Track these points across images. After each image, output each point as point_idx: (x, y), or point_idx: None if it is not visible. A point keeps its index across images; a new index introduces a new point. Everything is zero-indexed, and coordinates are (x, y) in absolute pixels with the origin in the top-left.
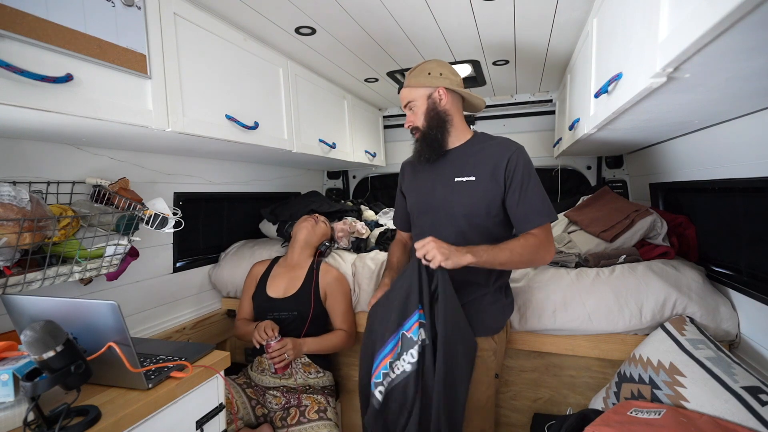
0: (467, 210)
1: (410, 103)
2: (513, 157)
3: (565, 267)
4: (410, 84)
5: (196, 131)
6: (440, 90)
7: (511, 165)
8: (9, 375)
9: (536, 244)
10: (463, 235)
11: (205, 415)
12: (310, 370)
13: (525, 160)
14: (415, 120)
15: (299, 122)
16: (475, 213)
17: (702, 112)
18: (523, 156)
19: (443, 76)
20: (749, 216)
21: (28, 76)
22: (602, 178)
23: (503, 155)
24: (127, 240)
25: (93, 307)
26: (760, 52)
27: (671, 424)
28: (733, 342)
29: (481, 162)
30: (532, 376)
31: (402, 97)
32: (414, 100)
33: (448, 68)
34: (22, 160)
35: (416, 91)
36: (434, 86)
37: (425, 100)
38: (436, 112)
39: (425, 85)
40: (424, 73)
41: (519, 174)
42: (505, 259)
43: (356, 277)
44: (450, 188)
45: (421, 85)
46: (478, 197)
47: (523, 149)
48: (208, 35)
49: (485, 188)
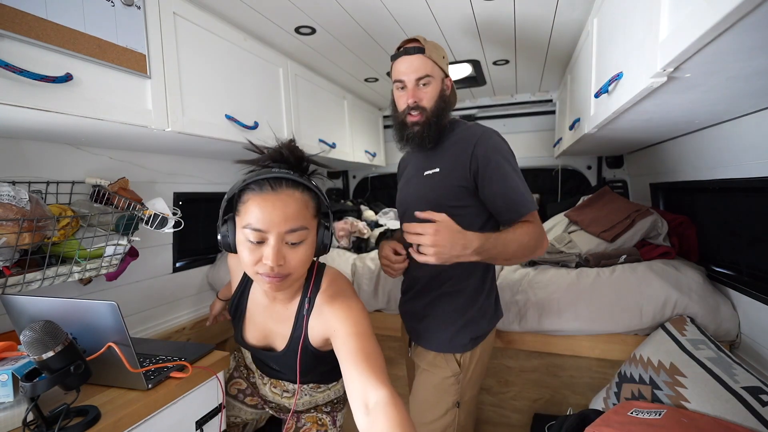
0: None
1: (427, 77)
2: (479, 142)
3: (566, 267)
4: (432, 56)
5: (195, 131)
6: (449, 80)
7: (477, 151)
8: (8, 375)
9: (538, 232)
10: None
11: (205, 415)
12: (318, 386)
13: (494, 145)
14: (425, 99)
15: (299, 122)
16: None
17: (702, 112)
18: (491, 141)
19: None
20: (750, 216)
21: (28, 76)
22: (602, 178)
23: (468, 142)
24: (127, 240)
25: (92, 307)
26: (760, 52)
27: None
28: (733, 342)
29: (447, 151)
30: (533, 377)
31: (415, 67)
32: (432, 75)
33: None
34: (22, 159)
35: (436, 68)
36: (447, 73)
37: (440, 82)
38: (444, 99)
39: (442, 66)
40: (440, 53)
41: (489, 161)
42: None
43: (356, 276)
44: (420, 182)
45: (441, 64)
46: (441, 191)
47: (492, 133)
48: (208, 35)
49: (448, 180)
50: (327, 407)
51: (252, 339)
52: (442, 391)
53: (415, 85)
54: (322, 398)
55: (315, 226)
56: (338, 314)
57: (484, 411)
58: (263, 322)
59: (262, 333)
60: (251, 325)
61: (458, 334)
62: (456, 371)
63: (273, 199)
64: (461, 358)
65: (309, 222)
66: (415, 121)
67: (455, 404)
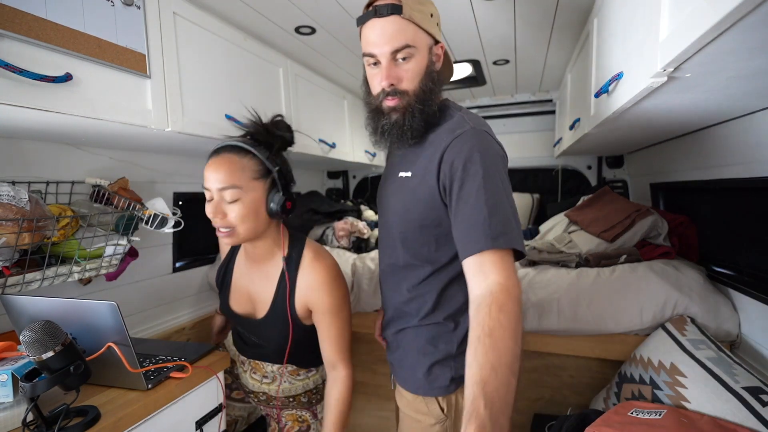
0: (399, 219)
1: (407, 49)
2: (452, 146)
3: (566, 267)
4: (413, 18)
5: (195, 131)
6: (441, 47)
7: (447, 158)
8: (8, 375)
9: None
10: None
11: (204, 415)
12: (297, 373)
13: (469, 151)
14: (405, 79)
15: (299, 122)
16: (407, 226)
17: (702, 111)
18: (467, 144)
19: (439, 27)
20: (750, 216)
21: (28, 76)
22: (603, 178)
23: (441, 142)
24: (127, 240)
25: (92, 307)
26: (760, 52)
27: (672, 424)
28: (734, 342)
29: (425, 150)
30: (533, 377)
31: (390, 34)
32: (415, 45)
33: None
34: (21, 159)
35: (419, 34)
36: (437, 38)
37: (426, 53)
38: (433, 76)
39: (430, 31)
40: (426, 12)
41: (457, 173)
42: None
43: (356, 276)
44: (394, 186)
45: (428, 28)
46: (410, 204)
47: (472, 134)
48: (208, 35)
49: (419, 191)
50: (305, 397)
51: (236, 306)
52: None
53: (391, 59)
54: (301, 386)
55: (255, 188)
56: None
57: None
58: (246, 286)
59: (246, 297)
60: (236, 293)
61: (434, 374)
62: (440, 417)
63: (214, 161)
64: (444, 401)
65: (245, 183)
66: (393, 106)
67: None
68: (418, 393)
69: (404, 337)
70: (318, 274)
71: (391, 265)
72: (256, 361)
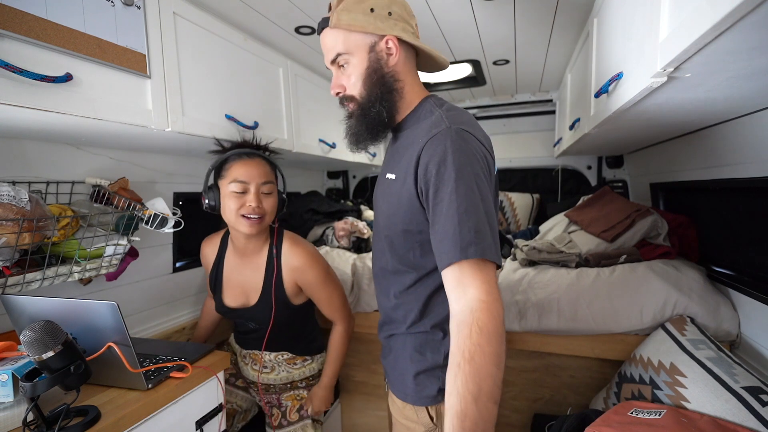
0: (385, 222)
1: (340, 57)
2: (427, 147)
3: (566, 267)
4: (340, 24)
5: (196, 131)
6: (390, 40)
7: (423, 159)
8: (8, 375)
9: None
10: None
11: (205, 415)
12: (294, 362)
13: (443, 151)
14: (348, 84)
15: (299, 122)
16: (392, 230)
17: (702, 111)
18: (440, 144)
19: (393, 17)
20: (750, 216)
21: (28, 76)
22: (602, 178)
23: (418, 143)
24: (127, 240)
25: (92, 307)
26: (760, 52)
27: (672, 424)
28: (733, 342)
29: (406, 150)
30: (533, 376)
31: (325, 45)
32: (347, 52)
33: (401, 2)
34: (22, 159)
35: (351, 38)
36: (380, 33)
37: (365, 53)
38: (382, 74)
39: (366, 30)
40: (363, 8)
41: (432, 175)
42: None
43: (356, 276)
44: (382, 188)
45: (360, 29)
46: (393, 207)
47: (447, 133)
48: (208, 35)
49: (400, 195)
50: (302, 383)
51: (231, 301)
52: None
53: (337, 69)
54: (298, 374)
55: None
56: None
57: None
58: (238, 279)
59: (239, 290)
60: (229, 289)
61: (421, 383)
62: (429, 426)
63: (251, 162)
64: (433, 410)
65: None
66: (349, 112)
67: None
68: (407, 401)
69: (394, 342)
70: (298, 255)
71: (382, 269)
72: (255, 352)
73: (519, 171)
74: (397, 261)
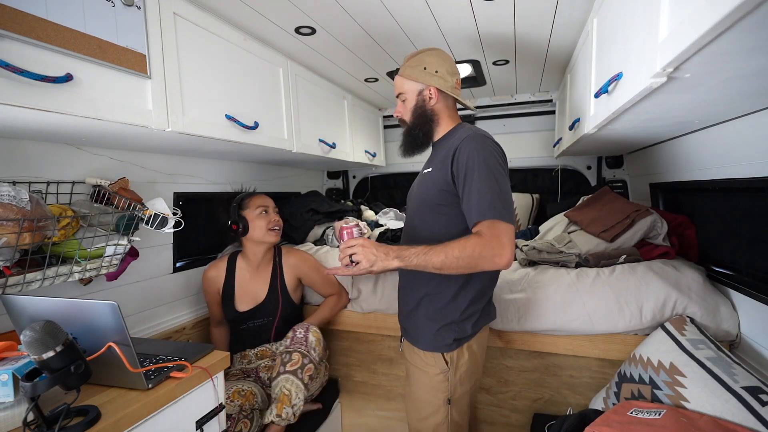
0: (419, 202)
1: (401, 95)
2: (461, 145)
3: (566, 267)
4: (404, 74)
5: (196, 131)
6: (431, 89)
7: (458, 153)
8: (9, 375)
9: (478, 244)
10: (413, 230)
11: (204, 415)
12: None
13: (474, 149)
14: (404, 113)
15: (299, 122)
16: (423, 207)
17: (702, 112)
18: (473, 144)
19: (438, 75)
20: (749, 216)
21: (28, 76)
22: (602, 178)
23: (453, 144)
24: (127, 240)
25: (93, 307)
26: (760, 52)
27: (671, 424)
28: (733, 342)
29: (441, 152)
30: (533, 376)
31: (395, 85)
32: (405, 92)
33: (447, 65)
34: (22, 160)
35: (408, 84)
36: (426, 84)
37: (415, 95)
38: (423, 110)
39: (417, 80)
40: (419, 66)
41: (464, 164)
42: (439, 262)
43: (356, 277)
44: (420, 179)
45: (414, 79)
46: (429, 190)
47: (477, 137)
48: (208, 35)
49: (436, 180)
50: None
51: (243, 306)
52: (432, 388)
53: (399, 100)
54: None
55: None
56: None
57: (484, 411)
58: (250, 285)
59: (251, 295)
60: (241, 296)
61: (441, 334)
62: (444, 369)
63: (263, 195)
64: (448, 356)
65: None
66: (404, 132)
67: (446, 401)
68: (428, 349)
69: (421, 304)
70: (293, 255)
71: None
72: (262, 348)
73: (519, 171)
74: (426, 232)
